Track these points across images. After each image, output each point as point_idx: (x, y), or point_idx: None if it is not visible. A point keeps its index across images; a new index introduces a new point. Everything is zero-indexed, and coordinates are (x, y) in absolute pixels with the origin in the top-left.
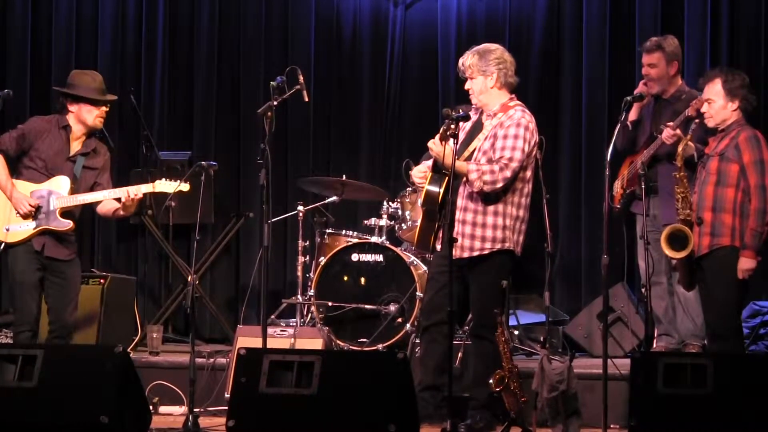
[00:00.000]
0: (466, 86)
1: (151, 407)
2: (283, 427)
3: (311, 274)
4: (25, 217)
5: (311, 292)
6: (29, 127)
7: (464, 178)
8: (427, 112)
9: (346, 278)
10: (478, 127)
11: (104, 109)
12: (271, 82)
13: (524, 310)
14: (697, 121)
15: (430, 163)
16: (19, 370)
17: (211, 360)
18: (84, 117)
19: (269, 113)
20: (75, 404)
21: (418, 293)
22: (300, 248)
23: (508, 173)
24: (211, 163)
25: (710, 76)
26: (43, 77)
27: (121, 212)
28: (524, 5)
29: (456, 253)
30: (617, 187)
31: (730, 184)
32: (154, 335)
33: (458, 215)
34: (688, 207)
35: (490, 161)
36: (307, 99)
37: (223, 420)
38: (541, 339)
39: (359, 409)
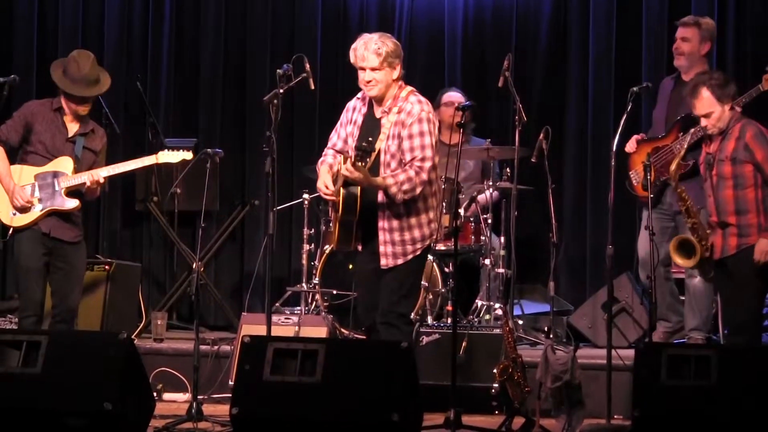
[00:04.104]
0: (368, 77)
1: (154, 394)
2: (286, 414)
3: (316, 262)
4: (21, 210)
5: (316, 280)
6: (25, 112)
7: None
8: (433, 100)
9: (350, 266)
10: (372, 123)
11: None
12: (278, 70)
13: (529, 300)
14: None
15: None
16: (23, 355)
17: (215, 347)
18: (67, 105)
19: (275, 101)
20: (79, 390)
21: (422, 282)
22: (305, 236)
23: (424, 176)
24: (217, 150)
25: (695, 92)
26: (49, 64)
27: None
28: None
29: (387, 262)
30: (636, 175)
31: (748, 186)
32: (159, 322)
33: (381, 223)
34: (694, 216)
35: (400, 164)
36: (313, 87)
37: (226, 407)
38: (546, 329)
39: (363, 398)
